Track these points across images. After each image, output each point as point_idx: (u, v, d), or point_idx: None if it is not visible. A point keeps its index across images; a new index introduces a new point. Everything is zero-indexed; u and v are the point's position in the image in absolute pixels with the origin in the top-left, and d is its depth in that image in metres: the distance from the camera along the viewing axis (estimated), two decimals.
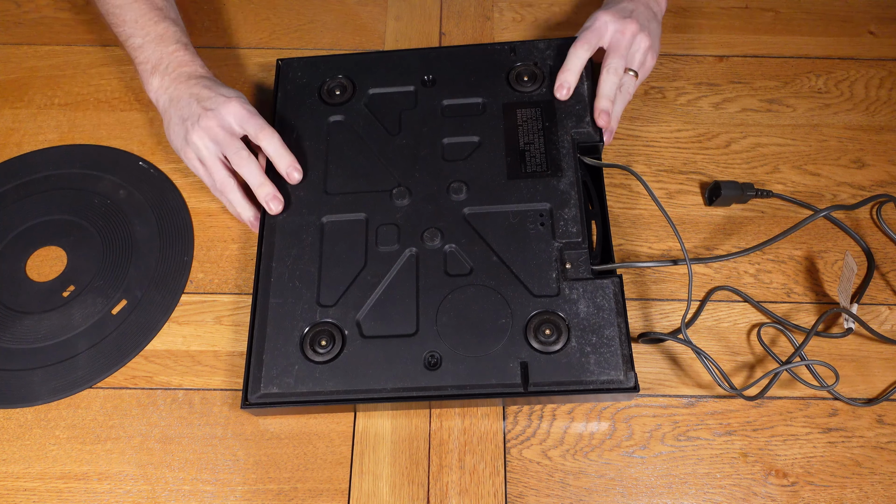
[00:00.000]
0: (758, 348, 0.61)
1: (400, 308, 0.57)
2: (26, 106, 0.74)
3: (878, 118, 0.73)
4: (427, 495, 0.56)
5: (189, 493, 0.56)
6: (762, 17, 0.80)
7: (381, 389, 0.55)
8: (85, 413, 0.59)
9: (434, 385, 0.55)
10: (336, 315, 0.57)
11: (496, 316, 0.56)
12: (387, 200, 0.62)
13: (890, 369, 0.61)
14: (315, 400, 0.55)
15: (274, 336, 0.57)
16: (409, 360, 0.56)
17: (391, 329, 0.57)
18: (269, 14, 0.81)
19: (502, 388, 0.54)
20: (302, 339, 0.57)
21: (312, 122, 0.66)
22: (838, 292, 0.62)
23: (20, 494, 0.56)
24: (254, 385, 0.56)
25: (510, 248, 0.59)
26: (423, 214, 0.61)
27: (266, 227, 0.61)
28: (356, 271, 0.59)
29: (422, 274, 0.59)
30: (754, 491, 0.56)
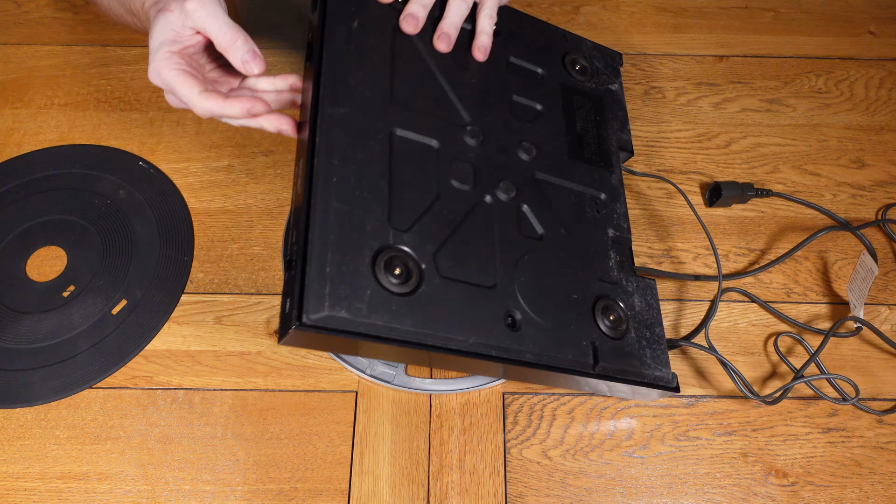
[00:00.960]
0: (761, 347, 0.61)
1: (477, 255, 0.51)
2: (26, 106, 0.74)
3: (878, 118, 0.73)
4: (427, 495, 0.56)
5: (189, 493, 0.56)
6: (762, 17, 0.80)
7: (461, 341, 0.48)
8: (85, 413, 0.59)
9: (514, 348, 0.49)
10: (411, 243, 0.49)
11: (568, 289, 0.53)
12: (459, 135, 0.55)
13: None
14: (391, 338, 0.46)
15: (341, 248, 0.46)
16: (489, 315, 0.49)
17: (469, 276, 0.50)
18: (270, 14, 0.80)
19: (576, 364, 0.51)
20: (374, 261, 0.47)
21: (374, 19, 0.56)
22: (848, 290, 0.62)
23: (20, 494, 0.56)
24: (314, 302, 0.43)
25: (573, 225, 0.57)
26: (496, 163, 0.56)
27: (322, 119, 0.50)
28: (429, 201, 0.51)
29: (496, 226, 0.53)
30: (754, 491, 0.56)
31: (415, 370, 0.60)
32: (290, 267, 0.46)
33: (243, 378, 0.60)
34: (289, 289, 0.45)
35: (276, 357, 0.61)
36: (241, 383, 0.60)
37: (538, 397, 0.60)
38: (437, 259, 0.49)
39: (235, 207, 0.68)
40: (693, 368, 0.61)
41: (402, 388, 0.59)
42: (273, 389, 0.60)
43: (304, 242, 0.45)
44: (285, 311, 0.45)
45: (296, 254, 0.46)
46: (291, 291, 0.44)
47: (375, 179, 0.50)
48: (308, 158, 0.49)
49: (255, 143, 0.72)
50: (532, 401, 0.59)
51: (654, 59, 0.77)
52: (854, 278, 0.61)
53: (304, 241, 0.45)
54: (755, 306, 0.63)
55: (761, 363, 0.61)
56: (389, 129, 0.52)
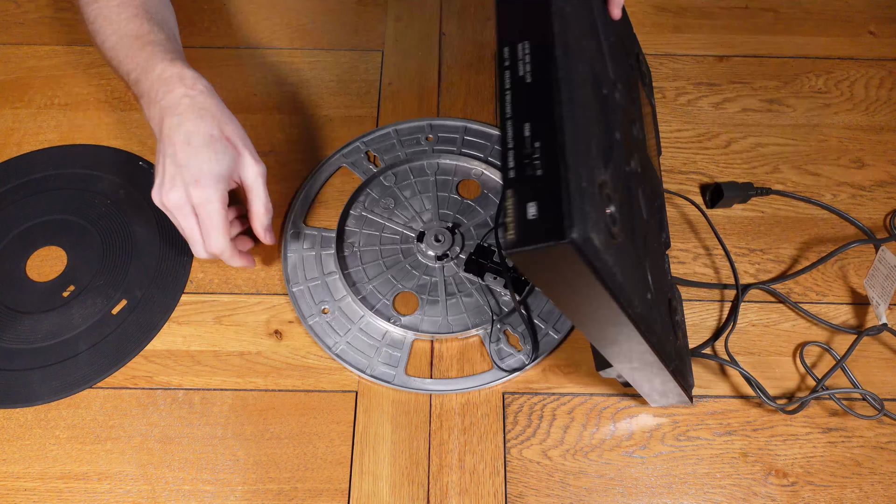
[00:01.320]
0: (771, 348, 0.62)
1: (637, 226, 0.47)
2: (26, 106, 0.74)
3: (878, 118, 0.73)
4: (427, 495, 0.56)
5: (189, 493, 0.56)
6: (762, 17, 0.80)
7: (636, 306, 0.42)
8: (85, 413, 0.59)
9: (654, 329, 0.46)
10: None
11: (663, 286, 0.53)
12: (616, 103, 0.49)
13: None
14: (608, 285, 0.37)
15: (587, 164, 0.37)
16: (644, 289, 0.44)
17: (635, 244, 0.45)
18: (269, 14, 0.81)
19: (666, 360, 0.49)
20: (600, 193, 0.38)
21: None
22: (867, 287, 0.62)
23: (20, 494, 0.56)
24: (579, 219, 0.33)
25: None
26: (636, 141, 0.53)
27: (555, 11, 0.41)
28: (617, 160, 0.45)
29: (644, 205, 0.50)
30: (754, 491, 0.56)
31: (414, 370, 0.60)
32: (526, 159, 0.36)
33: (243, 378, 0.60)
34: (529, 188, 0.35)
35: (276, 357, 0.61)
36: (241, 383, 0.60)
37: (538, 397, 0.60)
38: (621, 215, 0.42)
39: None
40: (692, 369, 0.61)
41: (402, 388, 0.59)
42: (273, 389, 0.60)
43: (557, 140, 0.36)
44: (526, 215, 0.35)
45: (541, 148, 0.36)
46: (541, 194, 0.35)
47: (597, 110, 0.42)
48: (545, 36, 0.40)
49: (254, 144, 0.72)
50: (532, 401, 0.59)
51: (653, 59, 0.77)
52: (874, 275, 0.61)
53: (557, 137, 0.36)
54: (774, 309, 0.63)
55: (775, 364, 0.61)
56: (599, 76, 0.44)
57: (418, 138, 0.72)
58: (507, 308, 0.63)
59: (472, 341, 0.62)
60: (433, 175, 0.70)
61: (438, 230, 0.66)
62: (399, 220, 0.67)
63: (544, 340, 0.62)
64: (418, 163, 0.70)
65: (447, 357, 0.61)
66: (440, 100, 0.75)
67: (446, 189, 0.69)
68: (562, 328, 0.62)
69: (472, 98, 0.75)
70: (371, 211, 0.68)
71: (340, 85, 0.76)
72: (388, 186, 0.69)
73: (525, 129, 0.38)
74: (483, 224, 0.67)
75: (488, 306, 0.63)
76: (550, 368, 0.61)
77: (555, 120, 0.37)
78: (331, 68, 0.77)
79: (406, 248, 0.66)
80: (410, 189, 0.69)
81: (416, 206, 0.68)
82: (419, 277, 0.65)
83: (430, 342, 0.62)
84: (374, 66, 0.77)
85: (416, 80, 0.76)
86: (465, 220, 0.67)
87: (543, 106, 0.38)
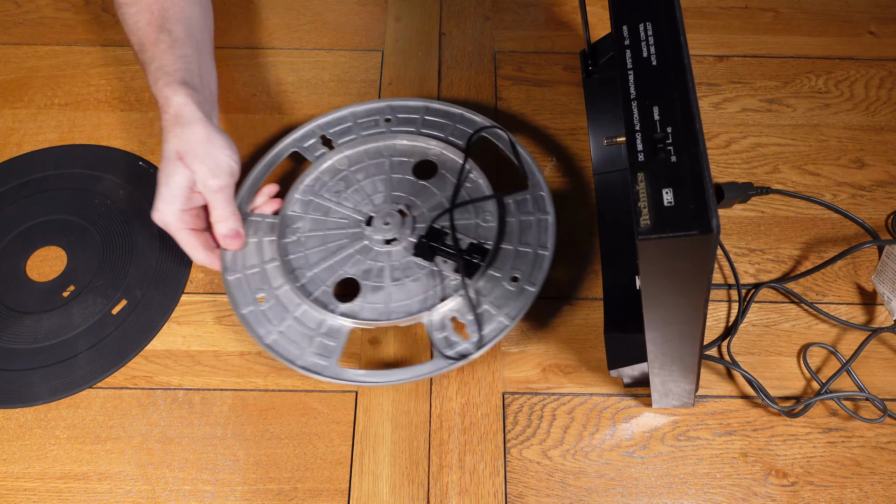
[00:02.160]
0: (771, 348, 0.62)
1: None
2: (26, 106, 0.74)
3: (878, 118, 0.73)
4: (427, 495, 0.56)
5: (189, 493, 0.56)
6: (762, 17, 0.80)
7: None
8: (85, 413, 0.59)
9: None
10: None
11: None
12: None
13: None
14: (709, 270, 0.38)
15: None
16: None
17: None
18: (269, 14, 0.81)
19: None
20: None
21: None
22: (875, 283, 0.62)
23: (20, 494, 0.56)
24: (713, 208, 0.34)
25: None
26: None
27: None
28: None
29: None
30: (754, 491, 0.56)
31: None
32: (659, 143, 0.36)
33: (243, 378, 0.60)
34: (663, 173, 0.35)
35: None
36: (241, 383, 0.60)
37: (538, 397, 0.60)
38: None
39: None
40: None
41: (334, 379, 0.57)
42: (273, 389, 0.60)
43: (695, 127, 0.36)
44: (662, 202, 0.34)
45: (673, 133, 0.36)
46: (676, 180, 0.34)
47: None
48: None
49: (254, 144, 0.72)
50: (532, 401, 0.59)
51: None
52: (882, 271, 0.61)
53: (694, 124, 0.36)
54: (774, 310, 0.63)
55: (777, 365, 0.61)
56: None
57: (377, 120, 0.69)
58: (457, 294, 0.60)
59: (416, 329, 0.61)
60: (389, 157, 0.68)
61: (389, 213, 0.64)
62: (349, 204, 0.65)
63: (492, 328, 0.58)
64: (374, 145, 0.68)
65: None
66: (440, 100, 0.74)
67: (403, 171, 0.67)
68: (514, 314, 0.58)
69: (472, 98, 0.75)
70: (320, 195, 0.66)
71: (340, 85, 0.76)
72: (340, 170, 0.67)
73: (654, 112, 0.38)
74: (438, 206, 0.65)
75: (440, 287, 0.61)
76: (550, 368, 0.61)
77: (690, 106, 0.37)
78: (331, 68, 0.77)
79: (355, 233, 0.64)
80: (364, 172, 0.67)
81: (369, 188, 0.66)
82: (364, 262, 0.62)
83: (369, 331, 0.61)
84: (374, 66, 0.77)
85: (416, 80, 0.76)
86: (420, 203, 0.65)
87: (674, 91, 0.38)
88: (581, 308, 0.64)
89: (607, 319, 0.58)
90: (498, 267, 0.61)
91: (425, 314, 0.59)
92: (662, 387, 0.53)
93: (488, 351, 0.58)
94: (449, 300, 0.59)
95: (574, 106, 0.74)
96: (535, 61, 0.77)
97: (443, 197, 0.65)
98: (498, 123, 0.68)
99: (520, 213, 0.63)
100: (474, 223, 0.63)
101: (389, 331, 0.62)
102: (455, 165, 0.67)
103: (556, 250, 0.61)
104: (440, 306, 0.59)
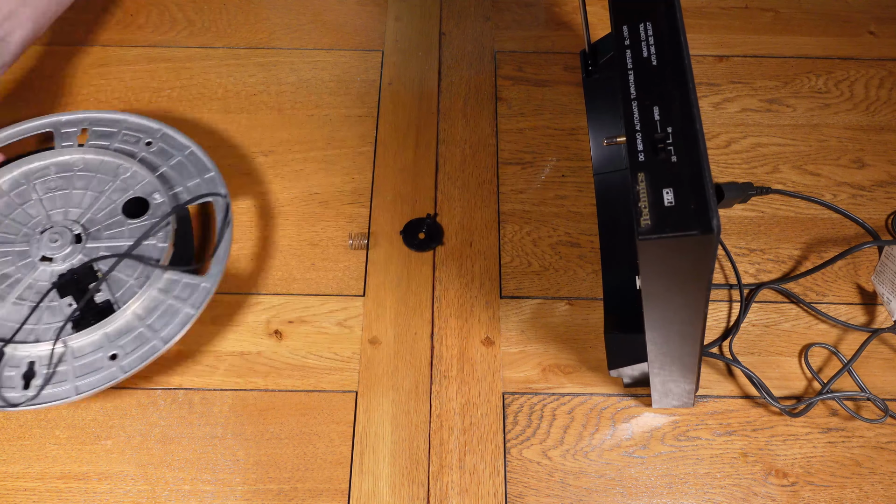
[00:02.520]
0: (772, 348, 0.62)
1: None
2: (27, 106, 0.74)
3: (878, 118, 0.73)
4: (427, 495, 0.56)
5: (189, 493, 0.56)
6: (762, 17, 0.80)
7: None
8: (85, 413, 0.59)
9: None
10: None
11: None
12: None
13: None
14: (710, 270, 0.38)
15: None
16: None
17: None
18: (269, 14, 0.81)
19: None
20: None
21: None
22: (875, 284, 0.62)
23: (20, 494, 0.56)
24: (713, 208, 0.34)
25: None
26: None
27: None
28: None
29: None
30: (754, 491, 0.56)
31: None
32: (660, 143, 0.36)
33: (243, 378, 0.60)
34: (663, 173, 0.35)
35: (276, 357, 0.61)
36: (241, 383, 0.60)
37: (538, 397, 0.60)
38: None
39: (235, 207, 0.68)
40: None
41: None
42: (273, 389, 0.60)
43: (695, 127, 0.36)
44: (663, 202, 0.34)
45: (674, 133, 0.36)
46: (677, 180, 0.35)
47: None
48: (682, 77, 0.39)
49: (254, 144, 0.72)
50: (532, 401, 0.59)
51: None
52: (882, 271, 0.61)
53: (694, 125, 0.36)
54: (774, 310, 0.63)
55: (777, 365, 0.61)
56: None
57: (140, 138, 0.66)
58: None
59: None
60: (117, 177, 0.64)
61: (63, 231, 0.60)
62: (47, 204, 0.62)
63: (57, 391, 0.54)
64: (111, 160, 0.65)
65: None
66: (440, 100, 0.75)
67: (118, 196, 0.63)
68: (86, 389, 0.54)
69: (472, 98, 0.75)
70: (33, 183, 0.63)
71: (340, 85, 0.76)
72: (70, 168, 0.64)
73: (654, 112, 0.38)
74: (117, 249, 0.59)
75: (50, 327, 0.56)
76: (550, 368, 0.61)
77: (691, 107, 0.37)
78: (331, 68, 0.77)
79: (27, 234, 0.61)
80: (86, 181, 0.64)
81: (77, 199, 0.63)
82: (9, 266, 0.59)
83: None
84: (374, 66, 0.77)
85: (416, 80, 0.76)
86: (105, 235, 0.61)
87: (674, 90, 0.38)
88: (581, 308, 0.64)
89: (607, 319, 0.58)
90: (108, 335, 0.57)
91: (10, 346, 0.56)
92: (662, 387, 0.53)
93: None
94: (43, 344, 0.56)
95: (574, 106, 0.74)
96: (535, 61, 0.77)
97: (132, 239, 0.60)
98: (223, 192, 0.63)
99: (170, 294, 0.58)
100: (135, 281, 0.59)
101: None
102: (182, 215, 0.63)
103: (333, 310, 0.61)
104: (29, 346, 0.56)
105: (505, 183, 0.70)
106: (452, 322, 0.63)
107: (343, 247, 0.66)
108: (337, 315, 0.63)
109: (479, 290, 0.64)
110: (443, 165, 0.71)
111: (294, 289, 0.64)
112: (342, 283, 0.65)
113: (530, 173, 0.70)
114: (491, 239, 0.67)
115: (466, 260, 0.66)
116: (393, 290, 0.64)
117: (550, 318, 0.63)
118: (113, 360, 0.56)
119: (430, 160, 0.71)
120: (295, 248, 0.66)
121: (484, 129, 0.73)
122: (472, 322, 0.63)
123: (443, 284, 0.65)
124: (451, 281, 0.65)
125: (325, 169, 0.71)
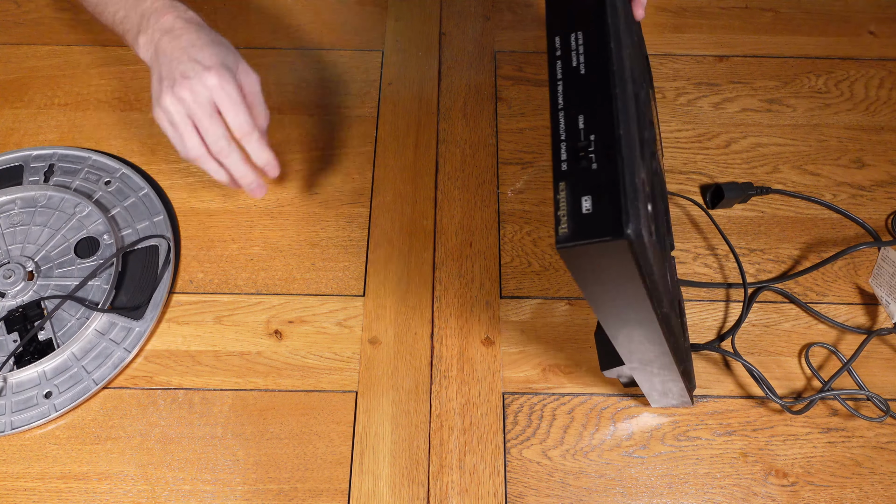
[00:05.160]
0: (772, 348, 0.61)
1: (658, 235, 0.44)
2: (26, 106, 0.74)
3: (878, 118, 0.73)
4: (427, 495, 0.56)
5: (189, 493, 0.56)
6: (762, 17, 0.80)
7: (662, 306, 0.42)
8: (85, 413, 0.59)
9: (675, 331, 0.47)
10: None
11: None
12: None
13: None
14: (648, 284, 0.38)
15: (635, 159, 0.36)
16: (669, 293, 0.46)
17: (664, 250, 0.47)
18: (269, 14, 0.80)
19: (681, 363, 0.50)
20: (644, 192, 0.37)
21: None
22: (874, 286, 0.62)
23: (20, 494, 0.56)
24: (633, 215, 0.33)
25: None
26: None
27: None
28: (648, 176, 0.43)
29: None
30: (754, 491, 0.56)
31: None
32: (581, 152, 0.36)
33: (243, 378, 0.60)
34: (583, 181, 0.35)
35: (276, 357, 0.61)
36: (241, 383, 0.60)
37: (538, 397, 0.60)
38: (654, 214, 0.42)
39: (235, 207, 0.68)
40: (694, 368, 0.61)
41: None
42: (273, 389, 0.60)
43: (615, 134, 0.35)
44: (581, 209, 0.34)
45: (596, 141, 0.36)
46: (596, 188, 0.34)
47: (634, 108, 0.41)
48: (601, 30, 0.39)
49: None
50: (532, 401, 0.59)
51: (653, 59, 0.77)
52: (879, 273, 0.61)
53: (615, 131, 0.35)
54: (775, 309, 0.63)
55: (777, 364, 0.61)
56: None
57: (101, 177, 0.68)
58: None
59: None
60: (74, 215, 0.66)
61: (16, 268, 0.62)
62: (7, 239, 0.64)
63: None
64: (72, 198, 0.66)
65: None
66: (440, 100, 0.75)
67: (73, 234, 0.65)
68: (21, 424, 0.57)
69: (472, 98, 0.75)
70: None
71: (340, 85, 0.76)
72: (33, 203, 0.66)
73: (579, 121, 0.37)
74: (66, 289, 0.61)
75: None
76: (550, 368, 0.61)
77: (612, 114, 0.36)
78: (331, 68, 0.77)
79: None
80: (46, 216, 0.66)
81: (35, 235, 0.65)
82: None
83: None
84: (374, 66, 0.77)
85: (416, 80, 0.76)
86: (57, 274, 0.63)
87: (599, 99, 0.37)
88: (581, 308, 0.64)
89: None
90: (45, 373, 0.59)
91: None
92: (653, 386, 0.53)
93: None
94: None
95: None
96: (535, 61, 0.77)
97: (80, 279, 0.62)
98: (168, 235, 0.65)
99: (106, 336, 0.60)
100: (76, 321, 0.61)
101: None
102: (128, 256, 0.64)
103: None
104: None
105: (505, 183, 0.70)
106: (452, 322, 0.63)
107: (343, 247, 0.66)
108: (337, 315, 0.63)
109: (479, 290, 0.64)
110: (443, 165, 0.71)
111: (294, 289, 0.64)
112: (342, 283, 0.65)
113: (530, 173, 0.70)
114: (491, 239, 0.67)
115: (466, 260, 0.66)
116: (393, 290, 0.64)
117: (550, 318, 0.63)
118: (47, 398, 0.59)
119: (430, 160, 0.71)
120: (295, 248, 0.66)
121: (484, 129, 0.73)
122: (472, 322, 0.63)
123: (443, 284, 0.65)
124: (451, 281, 0.65)
125: (325, 169, 0.71)
